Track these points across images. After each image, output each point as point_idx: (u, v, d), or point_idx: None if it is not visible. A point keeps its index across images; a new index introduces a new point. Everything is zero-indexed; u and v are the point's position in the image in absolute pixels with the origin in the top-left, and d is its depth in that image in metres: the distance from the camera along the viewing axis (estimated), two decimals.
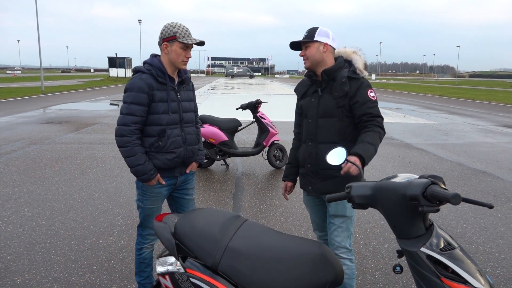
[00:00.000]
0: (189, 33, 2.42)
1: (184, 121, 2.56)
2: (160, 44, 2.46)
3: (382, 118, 2.32)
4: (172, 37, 2.38)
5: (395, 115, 15.60)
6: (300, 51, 2.44)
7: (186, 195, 2.72)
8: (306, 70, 2.50)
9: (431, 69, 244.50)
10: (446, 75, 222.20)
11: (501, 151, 8.59)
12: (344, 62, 2.42)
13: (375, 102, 2.33)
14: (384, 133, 2.29)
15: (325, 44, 2.35)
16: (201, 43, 2.47)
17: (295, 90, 2.61)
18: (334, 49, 2.42)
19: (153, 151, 2.45)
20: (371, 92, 2.34)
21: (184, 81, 2.59)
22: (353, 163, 1.94)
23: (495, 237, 4.06)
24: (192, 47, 2.47)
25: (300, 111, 2.55)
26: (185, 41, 2.37)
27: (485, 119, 14.98)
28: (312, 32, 2.36)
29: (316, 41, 2.34)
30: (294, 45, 2.45)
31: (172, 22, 2.42)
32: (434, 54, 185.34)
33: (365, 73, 2.38)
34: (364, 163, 2.08)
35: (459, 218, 4.54)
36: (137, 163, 2.39)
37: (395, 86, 48.89)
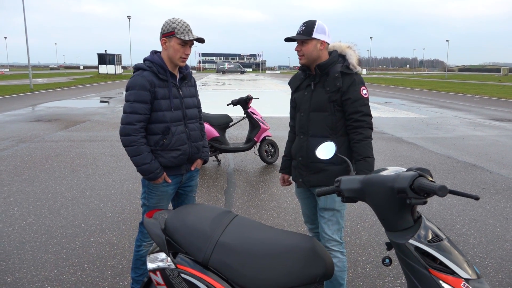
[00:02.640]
0: (189, 29, 2.36)
1: (188, 117, 2.53)
2: (160, 39, 2.42)
3: (371, 117, 2.36)
4: (170, 33, 2.34)
5: (386, 110, 15.69)
6: (294, 43, 2.39)
7: (191, 192, 2.71)
8: (298, 65, 2.49)
9: (421, 64, 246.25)
10: (436, 69, 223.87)
11: (490, 144, 8.69)
12: (338, 57, 2.40)
13: (367, 99, 2.35)
14: (372, 130, 2.35)
15: (323, 41, 2.32)
16: (200, 40, 2.42)
17: (289, 83, 2.60)
18: (328, 44, 2.40)
19: (158, 149, 2.42)
20: (364, 89, 2.35)
21: (186, 77, 2.55)
22: None
23: (484, 228, 4.11)
24: (192, 43, 2.41)
25: (294, 104, 2.55)
26: (183, 37, 2.33)
27: (474, 112, 15.13)
28: (310, 28, 2.29)
29: (314, 38, 2.30)
30: (289, 37, 2.39)
31: (173, 18, 2.37)
32: (424, 49, 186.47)
33: (359, 69, 2.37)
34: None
35: (448, 211, 4.59)
36: (143, 162, 2.37)
37: (385, 80, 49.13)
